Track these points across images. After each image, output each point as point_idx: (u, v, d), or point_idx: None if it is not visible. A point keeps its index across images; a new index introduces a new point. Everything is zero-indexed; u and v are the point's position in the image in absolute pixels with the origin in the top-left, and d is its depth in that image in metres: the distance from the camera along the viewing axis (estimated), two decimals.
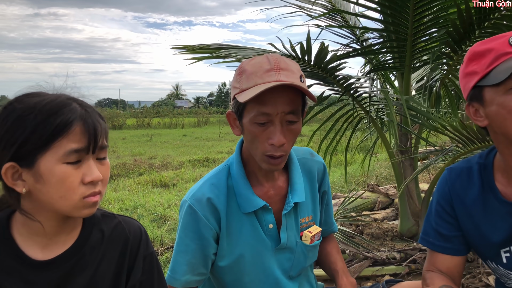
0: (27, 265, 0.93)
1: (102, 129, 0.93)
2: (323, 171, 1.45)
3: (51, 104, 0.89)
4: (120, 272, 1.02)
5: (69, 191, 0.88)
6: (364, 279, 2.33)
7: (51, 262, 0.94)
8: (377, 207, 3.97)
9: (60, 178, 0.87)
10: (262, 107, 1.17)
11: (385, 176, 5.96)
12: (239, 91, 1.21)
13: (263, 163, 1.24)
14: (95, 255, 1.00)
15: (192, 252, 1.28)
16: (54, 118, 0.87)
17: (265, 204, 1.30)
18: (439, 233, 1.25)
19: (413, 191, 3.07)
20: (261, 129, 1.19)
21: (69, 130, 0.87)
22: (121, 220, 1.08)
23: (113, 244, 1.03)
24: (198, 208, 1.27)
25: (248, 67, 1.21)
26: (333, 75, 2.61)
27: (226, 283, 1.37)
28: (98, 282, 0.99)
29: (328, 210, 1.52)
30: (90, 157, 0.91)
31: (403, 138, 3.11)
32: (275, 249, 1.34)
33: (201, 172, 7.35)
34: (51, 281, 0.94)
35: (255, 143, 1.22)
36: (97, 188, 0.91)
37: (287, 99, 1.18)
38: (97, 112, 0.95)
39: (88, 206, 0.91)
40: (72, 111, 0.89)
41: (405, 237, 2.99)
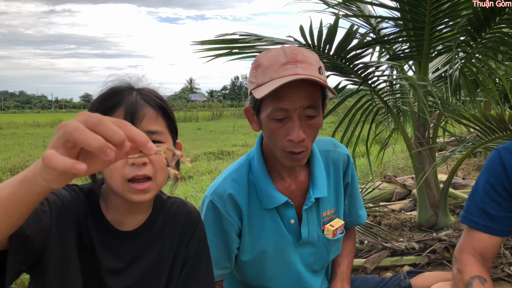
0: (111, 233, 1.01)
1: (146, 114, 0.94)
2: (347, 162, 1.40)
3: (110, 90, 0.97)
4: (179, 249, 1.08)
5: (114, 171, 0.92)
6: (383, 269, 2.32)
7: (129, 234, 1.02)
8: (394, 198, 3.94)
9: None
10: (279, 102, 1.13)
11: (401, 167, 5.91)
12: (255, 86, 1.18)
13: (284, 159, 1.21)
14: (162, 231, 1.07)
15: (216, 247, 1.27)
16: (104, 103, 0.94)
17: (287, 200, 1.28)
18: (485, 213, 1.22)
19: (431, 182, 3.04)
20: (279, 125, 1.16)
21: (112, 114, 0.93)
22: (183, 201, 1.15)
23: (176, 222, 1.09)
24: (220, 204, 1.26)
25: (264, 60, 1.17)
26: (352, 65, 2.58)
27: (248, 277, 1.38)
28: (163, 255, 1.06)
29: (353, 202, 1.47)
30: None
31: (421, 128, 3.07)
32: (296, 244, 1.33)
33: (216, 165, 7.39)
34: (129, 251, 1.02)
35: (274, 140, 1.19)
36: (142, 171, 0.92)
37: (305, 93, 1.13)
38: (156, 100, 0.98)
39: (134, 192, 0.93)
40: (122, 96, 0.95)
41: (424, 228, 2.97)
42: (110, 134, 0.55)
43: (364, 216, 1.53)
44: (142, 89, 1.00)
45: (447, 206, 3.05)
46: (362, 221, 1.53)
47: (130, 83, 1.01)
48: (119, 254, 1.02)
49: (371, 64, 2.62)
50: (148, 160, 0.93)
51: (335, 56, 2.57)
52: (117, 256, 1.01)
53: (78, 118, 0.56)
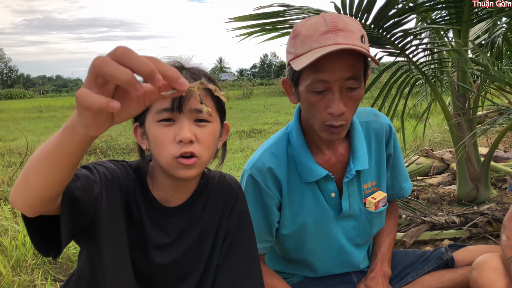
0: (158, 209, 1.03)
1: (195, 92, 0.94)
2: (389, 133, 1.35)
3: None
4: (221, 221, 1.10)
5: (162, 148, 0.93)
6: (422, 243, 2.28)
7: (176, 209, 1.04)
8: (432, 172, 3.84)
9: (154, 136, 0.94)
10: (318, 74, 1.08)
11: (438, 141, 5.74)
12: (293, 56, 1.13)
13: (322, 132, 1.17)
14: (204, 205, 1.08)
15: (257, 221, 1.27)
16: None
17: (328, 173, 1.26)
18: None
19: (472, 155, 2.94)
20: (319, 97, 1.11)
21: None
22: (224, 174, 1.15)
23: (218, 195, 1.11)
24: (260, 178, 1.26)
25: (303, 29, 1.11)
26: (390, 34, 2.49)
27: (289, 251, 1.38)
28: (206, 229, 1.08)
29: (396, 174, 1.42)
30: (184, 118, 0.93)
31: (461, 99, 2.96)
32: (337, 217, 1.31)
33: (248, 143, 7.41)
34: (175, 227, 1.05)
35: (312, 112, 1.15)
36: (189, 148, 0.92)
37: (347, 64, 1.07)
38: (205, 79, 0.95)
39: (181, 167, 0.94)
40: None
41: (464, 202, 2.89)
42: (138, 65, 0.53)
43: (408, 189, 1.47)
44: (192, 68, 1.00)
45: (489, 179, 2.95)
46: (406, 194, 1.48)
47: (181, 62, 1.01)
48: (166, 230, 1.04)
49: (410, 32, 2.51)
50: (195, 138, 0.93)
51: (371, 26, 2.48)
52: (164, 232, 1.04)
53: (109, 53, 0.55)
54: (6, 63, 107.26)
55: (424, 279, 1.35)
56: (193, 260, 1.07)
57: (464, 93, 2.91)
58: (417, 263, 1.42)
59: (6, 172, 5.23)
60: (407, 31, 2.49)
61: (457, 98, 2.94)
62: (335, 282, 1.40)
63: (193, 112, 0.93)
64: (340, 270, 1.40)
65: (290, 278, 1.44)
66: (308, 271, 1.40)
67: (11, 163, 6.19)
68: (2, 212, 3.45)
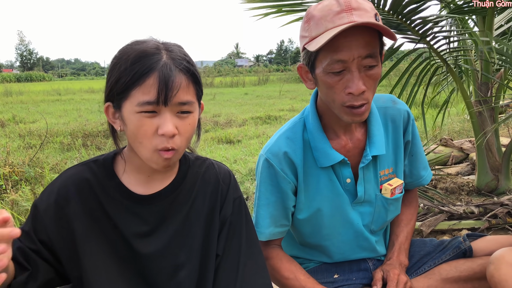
0: (132, 198, 1.01)
1: (180, 84, 0.91)
2: (407, 119, 1.34)
3: (138, 52, 0.91)
4: (213, 210, 1.08)
5: (144, 139, 0.92)
6: (439, 232, 2.26)
7: (152, 197, 1.02)
8: (450, 162, 3.80)
9: (135, 126, 0.91)
10: (335, 54, 1.07)
11: (458, 130, 5.65)
12: (308, 40, 1.12)
13: (344, 115, 1.15)
14: (190, 193, 1.07)
15: (273, 205, 1.28)
16: (134, 67, 0.90)
17: (343, 158, 1.25)
18: None
19: (492, 144, 2.89)
20: (337, 78, 1.10)
21: (145, 81, 0.89)
22: (213, 162, 1.13)
23: (206, 183, 1.09)
24: (275, 162, 1.26)
25: (316, 12, 1.11)
26: (409, 21, 2.44)
27: (305, 235, 1.38)
28: (193, 217, 1.06)
29: (414, 161, 1.40)
30: (167, 110, 0.91)
31: (483, 88, 2.90)
32: (353, 203, 1.31)
33: (264, 129, 7.41)
34: (154, 214, 1.03)
35: (331, 95, 1.14)
36: (170, 143, 0.91)
37: (363, 41, 1.07)
38: (188, 66, 0.94)
39: (160, 160, 0.93)
40: (153, 61, 0.90)
41: (483, 192, 2.85)
42: None
43: (427, 177, 1.45)
44: (171, 49, 0.95)
45: (510, 170, 2.90)
46: (425, 182, 1.46)
47: (159, 43, 0.96)
48: (143, 218, 1.02)
49: (431, 19, 2.45)
50: (177, 131, 0.92)
51: (390, 12, 2.43)
52: (141, 220, 1.01)
53: None
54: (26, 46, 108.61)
55: (441, 268, 1.34)
56: (183, 249, 1.04)
57: (486, 82, 2.85)
58: (434, 252, 1.41)
59: (27, 153, 5.34)
60: (425, 18, 2.43)
61: (479, 87, 2.88)
62: (352, 269, 1.40)
63: (177, 105, 0.92)
64: (356, 256, 1.40)
65: (307, 263, 1.44)
66: (324, 256, 1.41)
67: (31, 145, 6.32)
68: (23, 193, 3.53)
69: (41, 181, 4.08)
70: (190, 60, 0.96)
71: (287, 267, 1.30)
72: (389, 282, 1.26)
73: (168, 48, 0.95)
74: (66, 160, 5.09)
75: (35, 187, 3.88)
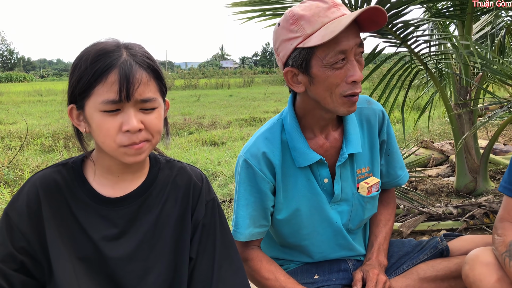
0: (100, 201, 1.01)
1: (141, 80, 0.91)
2: (382, 119, 1.37)
3: (98, 50, 0.92)
4: (184, 214, 1.07)
5: (107, 138, 0.92)
6: (419, 233, 2.30)
7: (121, 200, 1.02)
8: (431, 164, 3.86)
9: (98, 125, 0.92)
10: (338, 45, 1.12)
11: (438, 133, 5.75)
12: (302, 38, 1.14)
13: (341, 107, 1.19)
14: (161, 196, 1.06)
15: (253, 205, 1.29)
16: (94, 66, 0.90)
17: (321, 158, 1.27)
18: None
19: (471, 147, 2.95)
20: (338, 71, 1.14)
21: (105, 79, 0.89)
22: (185, 165, 1.12)
23: (177, 186, 1.08)
24: (254, 163, 1.27)
25: (304, 11, 1.14)
26: (391, 25, 2.48)
27: (284, 235, 1.39)
28: (164, 221, 1.05)
29: (391, 161, 1.43)
30: (130, 106, 0.91)
31: (462, 91, 2.96)
32: (330, 202, 1.33)
33: (249, 131, 7.42)
34: (123, 216, 1.02)
35: (331, 89, 1.16)
36: (138, 138, 0.92)
37: (355, 31, 1.15)
38: (148, 62, 0.94)
39: (131, 153, 0.93)
40: (113, 58, 0.91)
41: (462, 193, 2.91)
42: None
43: (404, 177, 1.48)
44: (131, 47, 0.96)
45: (487, 171, 2.97)
46: (402, 182, 1.49)
47: (119, 41, 0.97)
48: (112, 220, 1.01)
49: (412, 23, 2.50)
50: (143, 126, 0.92)
51: None
52: (110, 223, 1.01)
53: None
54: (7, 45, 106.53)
55: (419, 268, 1.36)
56: (152, 252, 1.04)
57: (466, 85, 2.91)
58: (412, 252, 1.43)
59: (6, 155, 5.24)
60: (407, 22, 2.47)
61: (459, 90, 2.94)
62: (332, 269, 1.41)
63: (140, 102, 0.92)
64: (336, 255, 1.41)
65: (287, 264, 1.45)
66: (304, 256, 1.42)
67: (10, 147, 6.20)
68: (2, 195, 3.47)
69: (21, 184, 4.01)
70: (150, 57, 0.97)
71: (267, 268, 1.31)
72: (369, 281, 1.28)
73: (128, 46, 0.96)
74: (47, 162, 5.01)
75: (14, 189, 3.81)
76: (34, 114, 10.95)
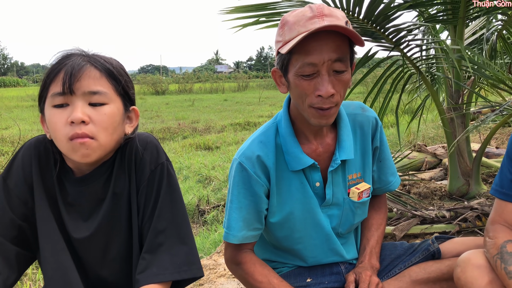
0: (70, 180, 1.07)
1: (89, 74, 0.95)
2: (375, 126, 1.38)
3: (58, 57, 0.99)
4: (130, 183, 1.07)
5: (56, 132, 0.96)
6: (412, 236, 2.30)
7: (84, 179, 1.07)
8: (424, 167, 3.87)
9: (49, 120, 0.97)
10: (307, 57, 1.11)
11: (432, 136, 5.78)
12: (282, 44, 1.17)
13: (311, 117, 1.19)
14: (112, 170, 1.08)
15: (246, 208, 1.29)
16: (50, 70, 0.97)
17: (314, 162, 1.28)
18: None
19: (464, 150, 2.96)
20: (308, 81, 1.14)
21: (56, 77, 0.95)
22: (136, 136, 1.10)
23: (123, 155, 1.08)
24: (248, 166, 1.27)
25: (290, 18, 1.16)
26: (383, 29, 2.49)
27: (278, 239, 1.39)
28: (118, 194, 1.07)
29: (382, 167, 1.44)
30: (78, 100, 0.95)
31: (455, 95, 2.97)
32: (321, 206, 1.34)
33: (243, 136, 7.42)
34: (92, 193, 1.06)
35: (301, 97, 1.18)
36: (81, 129, 0.94)
37: (333, 45, 1.11)
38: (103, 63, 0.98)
39: (76, 148, 0.95)
40: (67, 60, 0.96)
41: (455, 197, 2.92)
42: None
43: (395, 183, 1.49)
44: (94, 54, 1.01)
45: (480, 175, 2.98)
46: (393, 188, 1.50)
47: (84, 50, 1.02)
48: (78, 201, 1.06)
49: (403, 27, 2.51)
50: (88, 119, 0.94)
51: (365, 20, 2.48)
52: (77, 202, 1.06)
53: None
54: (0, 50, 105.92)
55: (411, 270, 1.36)
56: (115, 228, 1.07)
57: (458, 89, 2.93)
58: (404, 255, 1.44)
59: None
60: (399, 26, 2.49)
61: (451, 94, 2.96)
62: (324, 272, 1.41)
63: (87, 95, 0.95)
64: (328, 259, 1.41)
65: (280, 267, 1.45)
66: (297, 259, 1.42)
67: (3, 152, 6.16)
68: None
69: None
70: (108, 61, 1.01)
71: (260, 271, 1.31)
72: (361, 283, 1.28)
73: (89, 54, 1.01)
74: None
75: None
76: (27, 119, 10.89)
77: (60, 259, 1.03)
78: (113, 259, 1.08)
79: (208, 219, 3.40)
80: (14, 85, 49.73)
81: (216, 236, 2.88)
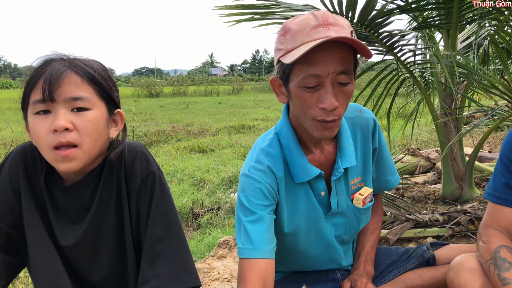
0: (59, 188, 1.07)
1: (69, 80, 0.94)
2: (374, 127, 1.35)
3: (38, 64, 0.97)
4: (120, 193, 1.06)
5: (39, 140, 0.95)
6: (405, 240, 2.31)
7: (72, 187, 1.05)
8: (418, 171, 3.89)
9: (32, 129, 0.96)
10: (311, 68, 1.06)
11: (425, 140, 5.81)
12: (284, 52, 1.11)
13: (314, 130, 1.14)
14: (99, 179, 1.07)
15: (269, 220, 1.21)
16: (33, 73, 0.96)
17: (320, 172, 1.24)
18: (508, 187, 1.21)
19: (457, 154, 2.98)
20: (311, 93, 1.09)
21: (36, 84, 0.94)
22: (125, 144, 1.08)
23: (114, 166, 1.07)
24: (261, 177, 1.22)
25: (293, 25, 1.10)
26: (377, 33, 2.50)
27: (280, 250, 1.36)
28: (105, 202, 1.06)
29: (380, 167, 1.42)
30: (60, 107, 0.93)
31: (448, 100, 2.99)
32: (326, 216, 1.31)
33: (237, 139, 7.41)
34: (80, 202, 1.06)
35: (304, 109, 1.12)
36: (66, 138, 0.92)
37: (339, 57, 1.06)
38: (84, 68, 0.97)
39: (60, 159, 0.94)
40: (46, 66, 0.95)
41: (448, 200, 2.93)
42: None
43: (394, 182, 1.46)
44: (76, 58, 0.99)
45: (473, 179, 3.00)
46: (392, 187, 1.47)
47: (65, 54, 1.00)
48: (66, 208, 1.06)
49: (395, 33, 2.53)
50: (72, 126, 0.93)
51: (359, 24, 2.49)
52: (65, 209, 1.06)
53: None
54: None
55: (406, 277, 1.36)
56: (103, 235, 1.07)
57: (451, 94, 2.94)
58: (399, 261, 1.43)
59: None
60: (391, 32, 2.50)
61: (444, 99, 2.97)
62: (320, 279, 1.40)
63: (69, 101, 0.93)
64: (326, 266, 1.41)
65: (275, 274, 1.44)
66: (295, 268, 1.41)
67: None
68: None
69: None
70: (89, 64, 0.99)
71: None
72: None
73: (70, 57, 0.99)
74: None
75: None
76: (20, 121, 10.77)
77: (50, 265, 1.02)
78: (102, 266, 1.08)
79: (202, 222, 3.39)
80: (7, 87, 49.25)
81: (210, 240, 2.87)
